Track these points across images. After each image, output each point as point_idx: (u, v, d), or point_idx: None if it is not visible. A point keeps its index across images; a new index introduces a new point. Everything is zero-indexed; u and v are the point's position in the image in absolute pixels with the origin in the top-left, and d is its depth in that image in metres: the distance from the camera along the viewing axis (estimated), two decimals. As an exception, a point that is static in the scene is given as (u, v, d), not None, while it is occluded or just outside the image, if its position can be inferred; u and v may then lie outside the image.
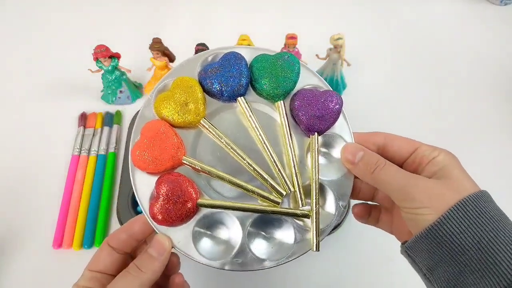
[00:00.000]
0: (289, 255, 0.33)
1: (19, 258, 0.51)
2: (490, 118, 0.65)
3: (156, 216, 0.32)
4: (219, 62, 0.36)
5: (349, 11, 0.80)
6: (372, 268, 0.52)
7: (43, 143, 0.61)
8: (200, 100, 0.35)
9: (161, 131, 0.34)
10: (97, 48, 0.57)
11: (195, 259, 0.33)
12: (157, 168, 0.33)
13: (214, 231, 0.34)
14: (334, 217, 0.34)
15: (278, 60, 0.36)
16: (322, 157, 0.36)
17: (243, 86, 0.35)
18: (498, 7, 0.81)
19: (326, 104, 0.35)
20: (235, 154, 0.35)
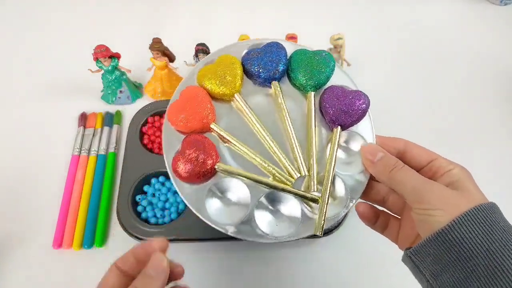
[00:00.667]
0: (291, 235, 0.35)
1: (19, 258, 0.51)
2: (490, 118, 0.65)
3: (176, 169, 0.35)
4: (262, 48, 0.40)
5: (349, 11, 0.80)
6: (371, 268, 0.52)
7: (43, 143, 0.61)
8: (238, 76, 0.38)
9: (198, 95, 0.37)
10: (97, 48, 0.57)
11: (203, 219, 0.35)
12: (187, 126, 0.37)
13: (225, 196, 0.36)
14: (342, 209, 0.36)
15: (315, 56, 0.39)
16: (341, 152, 0.38)
17: (279, 72, 0.38)
18: (498, 7, 0.80)
19: (354, 101, 0.37)
20: (259, 132, 0.37)
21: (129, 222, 0.52)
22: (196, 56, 0.59)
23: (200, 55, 0.58)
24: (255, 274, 0.51)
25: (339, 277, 0.51)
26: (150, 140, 0.60)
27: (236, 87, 0.38)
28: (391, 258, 0.52)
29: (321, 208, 0.35)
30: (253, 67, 0.38)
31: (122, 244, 0.52)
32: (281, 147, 0.37)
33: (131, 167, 0.56)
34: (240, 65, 0.39)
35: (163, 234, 0.51)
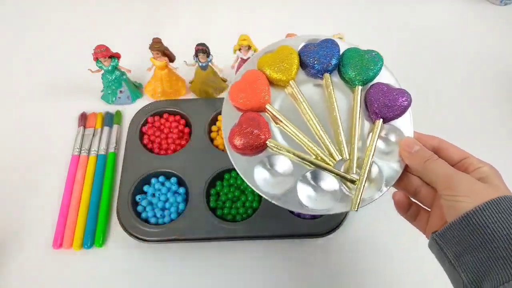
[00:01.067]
0: (328, 209, 0.38)
1: (19, 258, 0.51)
2: (490, 118, 0.65)
3: (232, 141, 0.39)
4: (318, 43, 0.43)
5: (349, 11, 0.80)
6: (371, 268, 0.52)
7: (43, 143, 0.61)
8: (294, 65, 0.42)
9: (258, 78, 0.41)
10: (97, 48, 0.57)
11: (251, 186, 0.39)
12: (245, 105, 0.41)
13: (273, 169, 0.40)
14: (376, 193, 0.39)
15: (366, 54, 0.43)
16: (381, 142, 0.41)
17: (332, 65, 0.42)
18: (498, 7, 0.80)
19: (397, 97, 0.41)
20: (308, 116, 0.41)
21: (129, 222, 0.52)
22: (196, 56, 0.59)
23: (200, 55, 0.58)
24: (255, 274, 0.51)
25: (339, 277, 0.51)
26: (150, 140, 0.60)
27: (292, 75, 0.42)
28: (391, 258, 0.53)
29: (358, 188, 0.38)
30: (309, 58, 0.42)
31: (122, 244, 0.53)
32: (326, 132, 0.41)
33: (131, 167, 0.56)
34: (297, 56, 0.43)
35: (163, 234, 0.51)
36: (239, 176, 0.56)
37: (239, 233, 0.51)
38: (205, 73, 0.61)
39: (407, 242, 0.54)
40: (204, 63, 0.59)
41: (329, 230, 0.52)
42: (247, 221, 0.52)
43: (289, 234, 0.52)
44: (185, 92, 0.66)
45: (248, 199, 0.54)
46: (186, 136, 0.61)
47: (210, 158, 0.57)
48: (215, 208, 0.54)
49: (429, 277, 0.51)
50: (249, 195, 0.54)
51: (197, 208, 0.53)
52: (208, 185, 0.55)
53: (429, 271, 0.52)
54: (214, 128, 0.61)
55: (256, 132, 0.39)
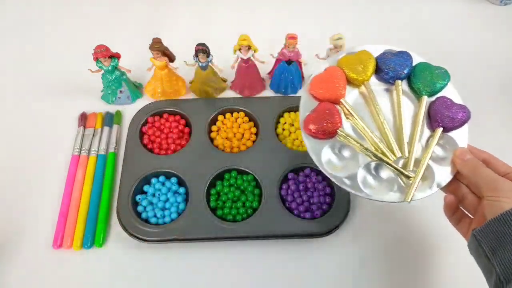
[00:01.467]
0: (383, 198, 0.44)
1: (19, 258, 0.52)
2: (490, 118, 0.65)
3: (307, 125, 0.45)
4: (395, 53, 0.50)
5: (349, 11, 0.80)
6: (370, 268, 0.52)
7: (43, 143, 0.61)
8: (370, 68, 0.48)
9: (338, 75, 0.48)
10: (97, 48, 0.57)
11: (318, 165, 0.45)
12: (324, 96, 0.47)
13: (340, 154, 0.46)
14: (427, 190, 0.44)
15: (436, 70, 0.49)
16: (438, 147, 0.46)
17: (404, 74, 0.48)
18: (498, 7, 0.80)
19: (458, 111, 0.46)
20: (376, 115, 0.47)
21: (129, 222, 0.52)
22: (196, 56, 0.59)
23: (200, 55, 0.58)
24: (255, 274, 0.51)
25: (339, 277, 0.51)
26: (150, 140, 0.60)
27: (367, 77, 0.48)
28: (391, 258, 0.53)
29: (413, 183, 0.43)
30: (385, 65, 0.49)
31: (122, 244, 0.53)
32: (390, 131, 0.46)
33: (131, 167, 0.56)
34: (374, 61, 0.49)
35: (164, 234, 0.51)
36: (239, 176, 0.56)
37: (239, 233, 0.51)
38: (205, 73, 0.61)
39: (407, 242, 0.54)
40: (204, 63, 0.59)
41: (329, 230, 0.52)
42: (247, 221, 0.52)
43: (289, 234, 0.52)
44: (185, 92, 0.66)
45: (248, 199, 0.54)
46: (186, 136, 0.61)
47: (210, 158, 0.57)
48: (215, 208, 0.54)
49: (429, 276, 0.51)
50: (249, 195, 0.54)
51: (197, 208, 0.53)
52: (208, 185, 0.55)
53: (429, 270, 0.52)
54: (214, 128, 0.61)
55: (330, 120, 0.45)
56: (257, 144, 0.59)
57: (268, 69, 0.67)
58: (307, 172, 0.56)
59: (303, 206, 0.53)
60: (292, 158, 0.57)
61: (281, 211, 0.52)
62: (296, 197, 0.54)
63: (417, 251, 0.53)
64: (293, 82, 0.64)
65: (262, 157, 0.57)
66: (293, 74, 0.63)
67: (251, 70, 0.63)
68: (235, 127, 0.61)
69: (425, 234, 0.54)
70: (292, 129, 0.61)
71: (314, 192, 0.55)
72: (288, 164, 0.56)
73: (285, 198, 0.54)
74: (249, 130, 0.61)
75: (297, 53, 0.60)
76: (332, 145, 0.46)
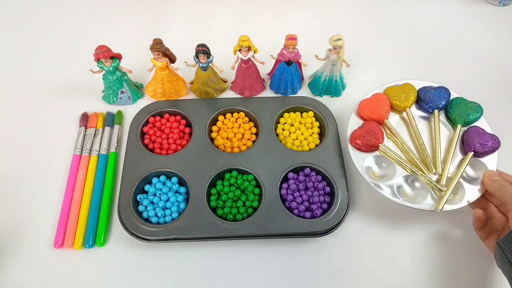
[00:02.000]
0: (417, 206, 0.50)
1: (21, 257, 0.52)
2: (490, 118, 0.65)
3: (354, 139, 0.54)
4: (435, 87, 0.60)
5: (349, 11, 0.80)
6: (370, 268, 0.52)
7: (44, 143, 0.61)
8: (412, 98, 0.59)
9: (383, 100, 0.58)
10: (98, 48, 0.57)
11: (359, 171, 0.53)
12: (369, 116, 0.57)
13: (380, 165, 0.55)
14: (457, 204, 0.50)
15: (470, 104, 0.57)
16: (469, 168, 0.54)
17: (442, 105, 0.58)
18: (497, 7, 0.81)
19: (489, 139, 0.54)
20: (415, 137, 0.57)
21: (130, 221, 0.52)
22: (196, 56, 0.59)
23: (201, 56, 0.58)
24: (255, 273, 0.52)
25: (339, 276, 0.51)
26: (151, 140, 0.60)
27: (408, 105, 0.58)
28: (390, 257, 0.53)
29: (444, 195, 0.51)
30: (426, 96, 0.58)
31: (124, 244, 0.53)
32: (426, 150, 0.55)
33: (132, 167, 0.56)
34: (415, 92, 0.59)
35: (164, 234, 0.52)
36: (239, 175, 0.56)
37: (239, 232, 0.52)
38: (206, 73, 0.62)
39: (407, 242, 0.54)
40: (204, 63, 0.60)
41: (329, 229, 0.52)
42: (248, 220, 0.52)
43: (289, 234, 0.52)
44: (186, 93, 0.66)
45: (249, 198, 0.54)
46: (187, 136, 0.61)
47: (210, 158, 0.57)
48: (216, 208, 0.54)
49: (428, 276, 0.51)
50: (249, 194, 0.55)
51: (198, 207, 0.53)
52: (209, 185, 0.55)
53: (429, 270, 0.52)
54: (214, 128, 0.62)
55: (374, 135, 0.54)
56: (257, 144, 0.59)
57: (268, 69, 0.67)
58: (307, 172, 0.56)
59: (303, 206, 0.54)
60: (292, 158, 0.57)
61: (281, 210, 0.53)
62: (296, 197, 0.54)
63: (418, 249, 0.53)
64: (293, 82, 0.64)
65: (262, 157, 0.57)
66: (293, 74, 0.63)
67: (251, 70, 0.63)
68: (236, 127, 0.61)
69: (425, 233, 0.55)
70: (292, 129, 0.61)
71: (314, 191, 0.55)
72: (288, 164, 0.57)
73: (285, 198, 0.55)
74: (249, 130, 0.61)
75: (297, 54, 0.60)
76: (376, 156, 0.54)
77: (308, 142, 0.60)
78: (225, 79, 0.67)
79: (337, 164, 0.56)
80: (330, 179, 0.55)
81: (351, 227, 0.55)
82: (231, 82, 0.67)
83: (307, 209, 0.54)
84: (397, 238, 0.54)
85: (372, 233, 0.55)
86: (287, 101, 0.64)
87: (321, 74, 0.64)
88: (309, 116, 0.62)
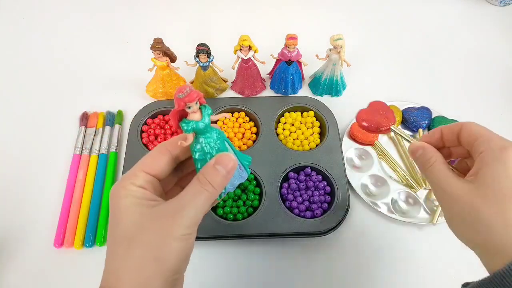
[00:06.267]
0: (410, 220, 0.54)
1: (21, 257, 0.52)
2: (490, 118, 0.65)
3: (360, 120, 0.45)
4: (418, 108, 0.63)
5: (349, 11, 0.80)
6: (370, 268, 0.52)
7: (44, 142, 0.61)
8: (398, 119, 0.62)
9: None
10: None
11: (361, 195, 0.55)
12: (361, 137, 0.60)
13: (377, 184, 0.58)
14: None
15: (450, 122, 0.59)
16: None
17: (425, 124, 0.61)
18: (497, 7, 0.81)
19: None
20: (403, 153, 0.60)
21: (130, 221, 0.52)
22: (197, 56, 0.59)
23: (201, 55, 0.58)
24: (255, 273, 0.51)
25: (339, 276, 0.51)
26: (151, 140, 0.60)
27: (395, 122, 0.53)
28: (391, 257, 0.53)
29: (437, 209, 0.54)
30: (410, 116, 0.62)
31: (123, 243, 0.53)
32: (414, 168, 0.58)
33: (132, 166, 0.56)
34: (400, 113, 0.63)
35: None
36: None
37: (240, 232, 0.52)
38: (206, 73, 0.62)
39: (407, 241, 0.54)
40: (205, 63, 0.60)
41: (329, 229, 0.52)
42: (248, 220, 0.52)
43: (289, 233, 0.52)
44: (186, 92, 0.66)
45: (249, 198, 0.54)
46: (187, 136, 0.61)
47: (211, 157, 0.57)
48: (216, 207, 0.54)
49: (428, 275, 0.51)
50: (249, 194, 0.55)
51: (198, 207, 0.53)
52: (209, 184, 0.55)
53: (428, 269, 0.52)
54: (214, 127, 0.62)
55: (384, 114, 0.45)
56: (258, 144, 0.59)
57: (269, 69, 0.67)
58: (308, 172, 0.56)
59: (303, 205, 0.54)
60: (292, 158, 0.57)
61: (281, 210, 0.53)
62: (296, 196, 0.54)
63: (417, 249, 0.53)
64: (293, 82, 0.64)
65: (262, 157, 0.57)
66: (293, 74, 0.63)
67: (251, 70, 0.63)
68: (236, 127, 0.61)
69: (425, 233, 0.55)
70: (293, 128, 0.61)
71: (315, 191, 0.55)
72: (288, 163, 0.57)
73: (286, 197, 0.55)
74: (250, 130, 0.61)
75: (297, 54, 0.60)
76: (371, 176, 0.57)
77: (308, 141, 0.60)
78: (226, 78, 0.67)
79: (337, 164, 0.56)
80: (330, 179, 0.55)
81: (351, 227, 0.54)
82: (231, 81, 0.67)
83: (307, 209, 0.54)
84: (397, 237, 0.54)
85: (372, 233, 0.54)
86: (287, 100, 0.64)
87: (321, 73, 0.64)
88: (309, 115, 0.62)
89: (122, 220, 0.29)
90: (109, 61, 0.71)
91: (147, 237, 0.28)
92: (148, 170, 0.31)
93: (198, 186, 0.30)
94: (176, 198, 0.30)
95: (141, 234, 0.28)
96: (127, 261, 0.28)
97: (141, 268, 0.27)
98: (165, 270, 0.28)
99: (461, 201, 0.30)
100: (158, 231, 0.28)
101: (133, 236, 0.28)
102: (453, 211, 0.31)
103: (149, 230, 0.28)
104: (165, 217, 0.29)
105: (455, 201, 0.30)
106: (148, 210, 0.29)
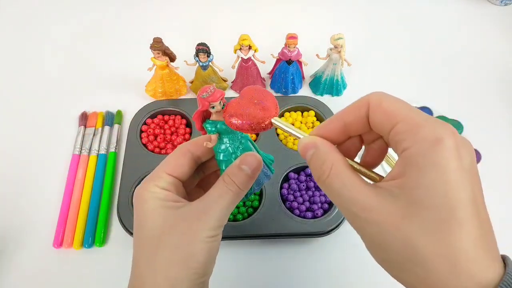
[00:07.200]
0: None
1: (20, 257, 0.51)
2: (491, 118, 0.65)
3: (228, 117, 0.29)
4: (419, 108, 0.61)
5: (350, 11, 0.80)
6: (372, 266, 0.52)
7: (43, 143, 0.61)
8: None
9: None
10: None
11: None
12: None
13: None
14: None
15: (451, 122, 0.58)
16: None
17: None
18: (498, 7, 0.81)
19: None
20: None
21: (129, 221, 0.52)
22: (196, 55, 0.59)
23: (201, 55, 0.58)
24: (255, 273, 0.51)
25: (340, 276, 0.51)
26: (151, 140, 0.60)
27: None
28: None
29: None
30: None
31: (123, 244, 0.52)
32: None
33: (132, 166, 0.56)
34: None
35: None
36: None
37: (240, 232, 0.51)
38: (206, 72, 0.61)
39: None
40: (204, 62, 0.59)
41: (330, 229, 0.52)
42: (248, 220, 0.52)
43: (290, 234, 0.52)
44: (186, 92, 0.66)
45: (249, 198, 0.54)
46: (187, 136, 0.61)
47: (210, 157, 0.57)
48: (216, 208, 0.54)
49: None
50: (249, 194, 0.54)
51: (198, 207, 0.53)
52: (209, 185, 0.55)
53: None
54: (214, 127, 0.61)
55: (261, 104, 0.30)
56: (258, 144, 0.59)
57: (269, 69, 0.67)
58: (308, 172, 0.56)
59: (304, 206, 0.53)
60: (293, 158, 0.57)
61: (282, 210, 0.52)
62: (297, 197, 0.54)
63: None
64: (293, 82, 0.64)
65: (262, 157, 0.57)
66: (293, 74, 0.63)
67: (251, 70, 0.63)
68: (236, 127, 0.61)
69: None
70: (293, 128, 0.61)
71: (315, 191, 0.55)
72: (289, 163, 0.56)
73: (286, 198, 0.54)
74: (250, 130, 0.61)
75: (298, 53, 0.60)
76: None
77: (309, 141, 0.59)
78: (226, 78, 0.66)
79: (338, 164, 0.56)
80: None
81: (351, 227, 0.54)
82: (231, 81, 0.67)
83: (308, 209, 0.53)
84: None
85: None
86: (288, 100, 0.63)
87: (322, 73, 0.64)
88: (310, 115, 0.62)
89: (148, 223, 0.28)
90: (108, 60, 0.71)
91: (174, 239, 0.27)
92: (171, 171, 0.31)
93: (223, 186, 0.29)
94: (201, 199, 0.29)
95: (167, 236, 0.27)
96: (154, 264, 0.27)
97: (168, 270, 0.27)
98: (192, 273, 0.27)
99: (382, 226, 0.21)
100: (185, 233, 0.27)
101: (159, 238, 0.27)
102: (374, 241, 0.22)
103: (175, 232, 0.27)
104: (191, 218, 0.28)
105: (372, 226, 0.21)
106: (173, 212, 0.28)
